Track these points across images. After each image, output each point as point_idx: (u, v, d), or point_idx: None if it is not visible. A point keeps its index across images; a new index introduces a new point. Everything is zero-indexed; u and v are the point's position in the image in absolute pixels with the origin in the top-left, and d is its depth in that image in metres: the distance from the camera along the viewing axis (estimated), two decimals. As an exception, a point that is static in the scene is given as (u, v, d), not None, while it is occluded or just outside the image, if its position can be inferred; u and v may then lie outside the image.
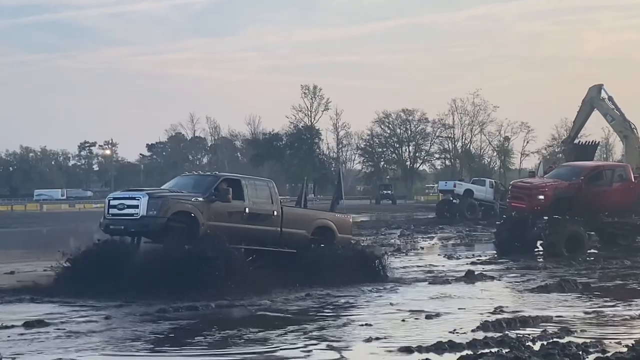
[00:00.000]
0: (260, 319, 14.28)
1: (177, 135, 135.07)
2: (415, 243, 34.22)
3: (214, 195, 17.73)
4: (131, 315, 14.33)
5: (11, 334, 12.34)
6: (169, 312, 14.54)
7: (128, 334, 12.60)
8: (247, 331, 12.70)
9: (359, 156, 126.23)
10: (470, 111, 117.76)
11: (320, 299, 16.69)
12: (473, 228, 45.20)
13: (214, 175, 19.25)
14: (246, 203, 18.31)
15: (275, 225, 18.87)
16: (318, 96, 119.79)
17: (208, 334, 12.57)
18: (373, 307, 15.71)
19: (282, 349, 11.47)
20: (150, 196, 17.19)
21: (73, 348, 11.43)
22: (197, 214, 17.35)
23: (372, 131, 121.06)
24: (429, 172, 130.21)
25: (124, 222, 17.36)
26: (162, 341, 12.37)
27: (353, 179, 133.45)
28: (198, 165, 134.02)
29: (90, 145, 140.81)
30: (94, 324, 13.40)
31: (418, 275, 21.52)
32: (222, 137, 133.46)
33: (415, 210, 74.93)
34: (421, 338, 11.97)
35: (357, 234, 40.17)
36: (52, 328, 12.91)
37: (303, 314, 14.91)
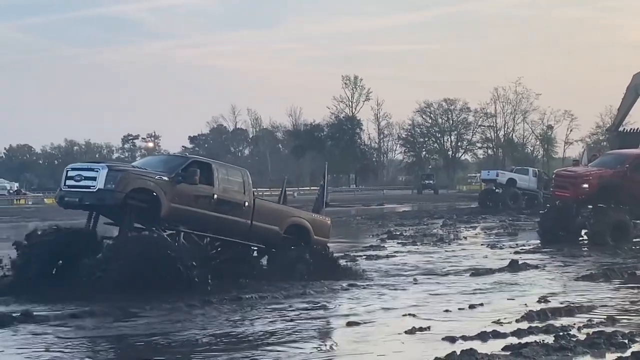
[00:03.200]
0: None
1: (219, 127, 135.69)
2: (458, 233, 34.09)
3: (181, 177, 16.31)
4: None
5: None
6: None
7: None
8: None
9: (401, 146, 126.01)
10: (513, 99, 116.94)
11: (360, 289, 16.74)
12: (516, 217, 44.88)
13: (184, 156, 18.38)
14: (215, 189, 16.93)
15: (245, 217, 17.51)
16: (359, 86, 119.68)
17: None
18: (415, 298, 15.69)
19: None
20: (109, 168, 15.74)
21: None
22: (159, 193, 15.89)
23: (414, 121, 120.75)
24: (471, 162, 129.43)
25: (79, 194, 15.85)
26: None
27: (395, 169, 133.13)
28: (240, 157, 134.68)
29: (134, 137, 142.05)
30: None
31: (461, 265, 21.45)
32: (263, 128, 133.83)
33: (457, 200, 74.62)
34: (465, 328, 11.94)
35: (400, 224, 40.42)
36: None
37: (336, 302, 14.96)
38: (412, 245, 28.15)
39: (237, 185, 17.60)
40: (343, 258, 22.91)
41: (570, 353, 10.26)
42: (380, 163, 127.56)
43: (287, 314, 13.73)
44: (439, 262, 22.40)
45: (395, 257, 23.77)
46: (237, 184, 17.62)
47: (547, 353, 10.16)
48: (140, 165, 17.08)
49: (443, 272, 19.77)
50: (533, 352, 10.13)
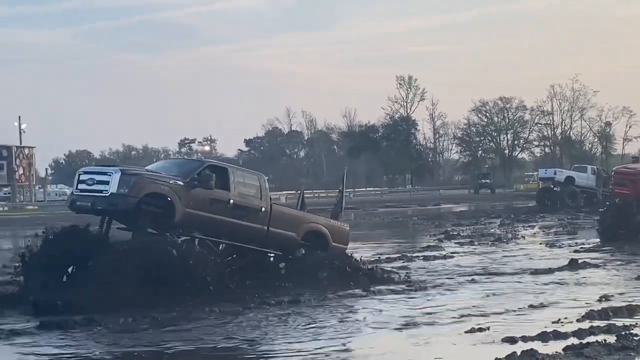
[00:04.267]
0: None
1: (274, 130, 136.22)
2: (516, 232, 33.75)
3: (196, 181, 15.89)
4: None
5: None
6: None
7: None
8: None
9: (456, 146, 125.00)
10: (570, 97, 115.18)
11: (417, 290, 16.73)
12: (575, 216, 44.33)
13: (199, 160, 17.78)
14: (231, 194, 16.49)
15: (261, 223, 17.06)
16: (413, 86, 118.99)
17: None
18: (474, 298, 15.62)
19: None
20: (122, 172, 15.30)
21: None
22: (174, 198, 15.45)
23: (469, 120, 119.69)
24: (528, 160, 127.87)
25: (91, 198, 15.35)
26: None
27: (451, 168, 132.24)
28: (295, 159, 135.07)
29: (190, 142, 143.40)
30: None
31: (519, 264, 21.27)
32: (318, 130, 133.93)
33: (514, 199, 73.87)
34: (525, 328, 11.87)
35: (457, 223, 40.19)
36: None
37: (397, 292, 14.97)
38: (470, 245, 27.98)
39: (253, 190, 17.14)
40: (400, 259, 22.95)
41: (633, 353, 10.13)
42: (436, 163, 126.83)
43: (341, 316, 13.77)
44: (497, 261, 22.24)
45: (453, 257, 23.65)
46: (253, 189, 17.17)
47: (609, 353, 10.06)
48: (154, 169, 16.70)
49: (501, 272, 19.63)
50: (595, 352, 10.04)
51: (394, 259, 22.97)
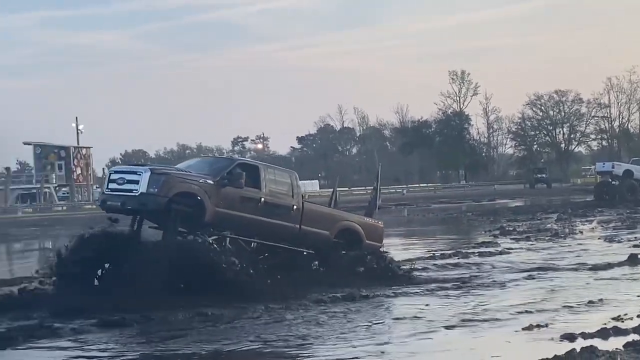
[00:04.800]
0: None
1: (326, 127, 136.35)
2: (574, 227, 33.27)
3: (226, 180, 15.74)
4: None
5: None
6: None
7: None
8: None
9: (511, 140, 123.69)
10: (627, 89, 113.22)
11: (474, 287, 16.55)
12: (634, 210, 43.54)
13: (229, 159, 17.40)
14: (263, 192, 16.34)
15: (293, 222, 16.85)
16: (466, 81, 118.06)
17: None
18: (531, 294, 15.39)
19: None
20: (152, 171, 15.20)
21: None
22: (204, 197, 15.35)
23: (524, 114, 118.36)
24: (585, 154, 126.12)
25: (121, 198, 15.31)
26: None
27: (505, 163, 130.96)
28: (347, 155, 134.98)
29: (243, 140, 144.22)
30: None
31: (577, 260, 20.94)
32: (370, 126, 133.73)
33: (571, 194, 72.97)
34: (584, 324, 11.66)
35: (512, 219, 39.78)
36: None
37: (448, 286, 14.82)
38: (526, 240, 27.63)
39: (285, 188, 16.93)
40: (455, 255, 22.75)
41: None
42: (490, 158, 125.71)
43: (395, 314, 13.68)
44: (555, 257, 21.92)
45: (509, 253, 23.37)
46: (285, 187, 16.95)
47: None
48: (184, 168, 16.55)
49: (559, 268, 19.34)
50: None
51: (449, 256, 22.76)
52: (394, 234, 35.59)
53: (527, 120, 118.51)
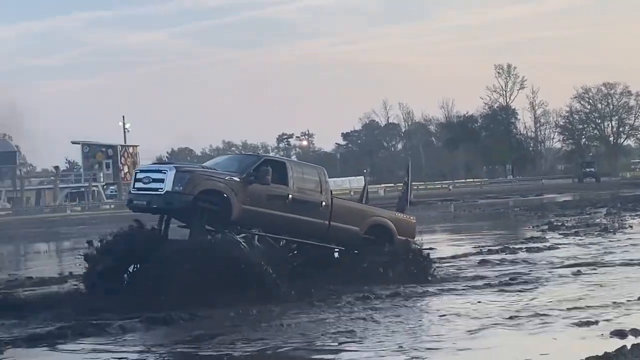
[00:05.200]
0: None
1: (371, 123, 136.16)
2: (623, 222, 32.68)
3: (253, 177, 15.54)
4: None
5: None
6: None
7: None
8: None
9: (558, 134, 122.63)
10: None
11: (521, 283, 16.34)
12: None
13: (256, 155, 17.32)
14: (290, 189, 16.13)
15: (322, 218, 16.59)
16: (513, 75, 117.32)
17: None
18: (580, 290, 15.14)
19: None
20: (177, 170, 15.12)
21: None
22: (230, 194, 15.18)
23: (571, 108, 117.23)
24: (634, 147, 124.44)
25: (147, 197, 15.27)
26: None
27: (553, 158, 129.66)
28: (393, 151, 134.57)
29: (288, 137, 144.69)
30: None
31: (627, 255, 20.56)
32: (415, 122, 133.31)
33: (621, 188, 71.92)
34: (634, 321, 11.41)
35: (560, 214, 39.28)
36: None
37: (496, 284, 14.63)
38: (575, 235, 27.22)
39: (313, 185, 16.71)
40: (502, 251, 22.49)
41: None
42: (537, 152, 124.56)
43: (440, 311, 13.53)
44: (604, 252, 21.56)
45: (558, 248, 23.04)
46: (313, 183, 16.73)
47: None
48: (211, 166, 16.40)
49: (609, 263, 19.00)
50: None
51: (496, 251, 22.53)
52: (441, 230, 35.40)
53: (575, 114, 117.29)
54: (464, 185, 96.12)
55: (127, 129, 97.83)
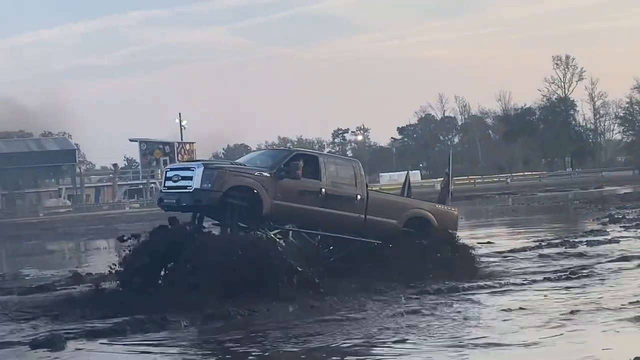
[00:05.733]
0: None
1: (427, 117, 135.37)
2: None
3: (283, 172, 15.33)
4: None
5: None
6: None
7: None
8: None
9: (619, 126, 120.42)
10: None
11: (582, 277, 16.05)
12: None
13: (287, 150, 16.86)
14: (323, 183, 15.87)
15: (358, 211, 16.30)
16: (571, 66, 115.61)
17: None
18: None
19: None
20: (205, 167, 14.93)
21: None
22: (260, 190, 14.96)
23: (632, 98, 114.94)
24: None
25: (176, 195, 15.16)
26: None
27: (613, 149, 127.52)
28: (449, 145, 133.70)
29: (343, 132, 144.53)
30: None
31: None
32: (472, 115, 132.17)
33: (684, 179, 70.39)
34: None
35: (621, 206, 38.55)
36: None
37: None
38: (636, 228, 26.65)
39: (347, 178, 16.44)
40: (562, 244, 22.14)
41: None
42: (597, 144, 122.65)
43: (504, 306, 13.35)
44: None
45: (619, 242, 22.55)
46: (347, 177, 16.46)
47: None
48: (245, 161, 16.28)
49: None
50: None
51: (555, 245, 22.19)
52: (499, 223, 35.07)
53: (635, 105, 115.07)
54: (522, 179, 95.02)
55: (183, 126, 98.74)
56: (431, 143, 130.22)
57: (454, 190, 19.13)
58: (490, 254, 20.69)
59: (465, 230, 31.70)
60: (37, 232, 49.07)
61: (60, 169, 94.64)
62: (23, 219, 69.81)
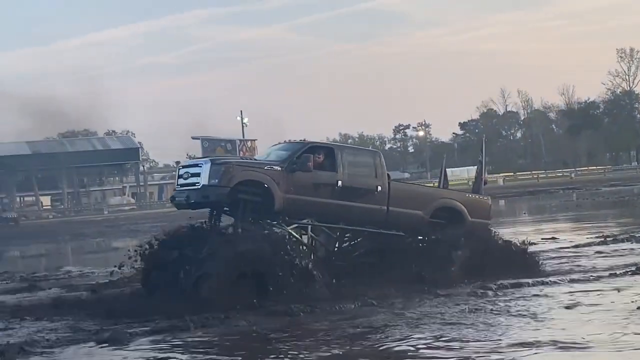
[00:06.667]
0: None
1: (489, 112, 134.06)
2: None
3: (295, 165, 14.93)
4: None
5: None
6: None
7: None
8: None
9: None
10: None
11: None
12: None
13: (301, 143, 16.43)
14: (339, 175, 15.35)
15: (379, 203, 15.75)
16: (636, 59, 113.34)
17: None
18: None
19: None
20: (212, 162, 14.71)
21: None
22: (271, 184, 14.60)
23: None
24: None
25: (186, 192, 14.91)
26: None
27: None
28: (512, 140, 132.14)
29: (405, 127, 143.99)
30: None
31: None
32: (535, 109, 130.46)
33: None
34: None
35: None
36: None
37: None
38: None
39: (367, 170, 15.88)
40: (628, 240, 21.70)
41: None
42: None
43: (567, 303, 13.13)
44: None
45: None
46: (367, 168, 15.90)
47: None
48: (262, 157, 15.93)
49: None
50: None
51: (621, 240, 21.76)
52: (563, 219, 34.54)
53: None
54: (587, 173, 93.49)
55: (245, 124, 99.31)
56: (493, 138, 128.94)
57: (486, 180, 18.20)
58: (554, 250, 20.39)
59: (529, 226, 31.39)
60: (102, 230, 49.95)
61: (124, 167, 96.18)
62: (88, 217, 71.12)
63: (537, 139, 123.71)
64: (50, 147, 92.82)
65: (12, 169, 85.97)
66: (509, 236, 18.36)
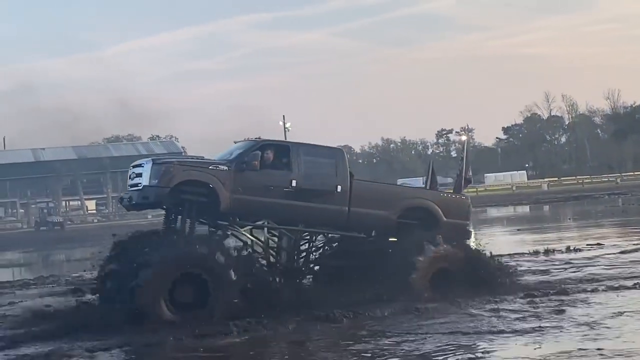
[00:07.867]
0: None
1: (533, 116, 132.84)
2: None
3: (244, 164, 14.27)
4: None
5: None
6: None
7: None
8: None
9: None
10: None
11: None
12: None
13: (253, 141, 15.60)
14: (294, 174, 14.55)
15: (339, 204, 14.85)
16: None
17: None
18: None
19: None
20: (154, 162, 14.16)
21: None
22: (216, 184, 13.93)
23: None
24: None
25: (130, 193, 14.56)
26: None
27: None
28: (556, 145, 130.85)
29: (447, 132, 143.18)
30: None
31: None
32: (579, 114, 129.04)
33: None
34: None
35: None
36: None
37: None
38: None
39: (326, 169, 15.03)
40: None
41: None
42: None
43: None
44: None
45: None
46: (326, 167, 15.04)
47: None
48: (219, 157, 15.07)
49: None
50: None
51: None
52: (609, 224, 34.08)
53: None
54: (633, 178, 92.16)
55: (287, 128, 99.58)
56: (537, 143, 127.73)
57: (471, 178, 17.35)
58: (600, 256, 20.14)
59: (574, 232, 31.04)
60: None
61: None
62: (132, 221, 71.72)
63: (582, 143, 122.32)
64: (96, 151, 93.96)
65: (58, 173, 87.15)
66: (552, 242, 18.12)
